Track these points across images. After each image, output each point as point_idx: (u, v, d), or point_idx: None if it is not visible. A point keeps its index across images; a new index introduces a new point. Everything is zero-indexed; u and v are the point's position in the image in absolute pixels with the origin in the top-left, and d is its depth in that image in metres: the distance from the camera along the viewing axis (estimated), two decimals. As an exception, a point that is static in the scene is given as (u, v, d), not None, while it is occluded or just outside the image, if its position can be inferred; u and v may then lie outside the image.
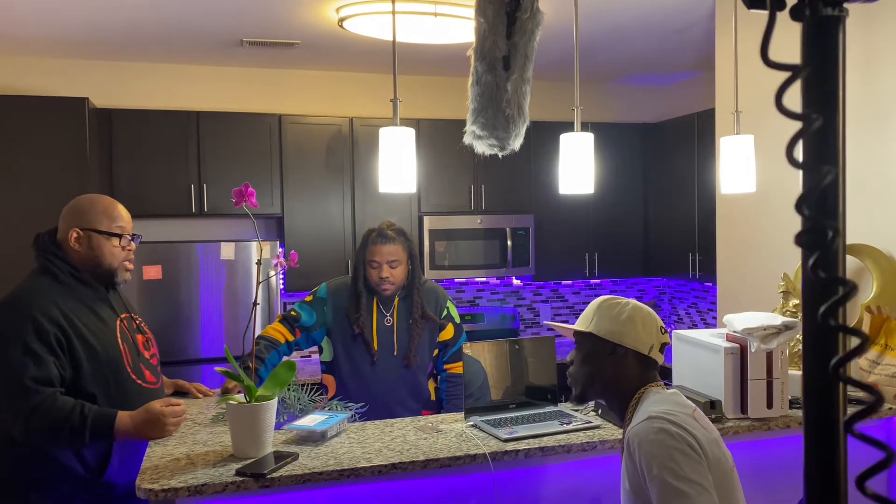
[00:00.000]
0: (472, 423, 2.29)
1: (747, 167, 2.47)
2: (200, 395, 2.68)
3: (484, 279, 5.15)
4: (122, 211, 2.30)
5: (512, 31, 1.82)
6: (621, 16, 3.62)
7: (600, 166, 4.45)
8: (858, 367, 2.53)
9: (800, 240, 0.46)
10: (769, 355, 2.24)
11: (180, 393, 2.71)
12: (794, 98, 0.47)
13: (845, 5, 0.47)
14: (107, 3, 3.33)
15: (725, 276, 3.55)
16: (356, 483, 1.96)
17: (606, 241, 5.01)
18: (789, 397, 2.29)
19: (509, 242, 4.73)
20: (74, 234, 2.20)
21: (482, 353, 2.46)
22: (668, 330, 1.81)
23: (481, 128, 1.85)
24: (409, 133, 2.22)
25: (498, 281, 5.22)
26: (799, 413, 2.33)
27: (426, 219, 4.61)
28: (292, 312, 2.77)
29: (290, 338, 2.72)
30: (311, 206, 4.48)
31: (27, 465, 2.13)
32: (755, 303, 3.01)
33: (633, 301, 1.77)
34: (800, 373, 2.35)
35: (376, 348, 2.73)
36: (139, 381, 2.27)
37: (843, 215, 0.48)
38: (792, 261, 2.79)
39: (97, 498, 2.14)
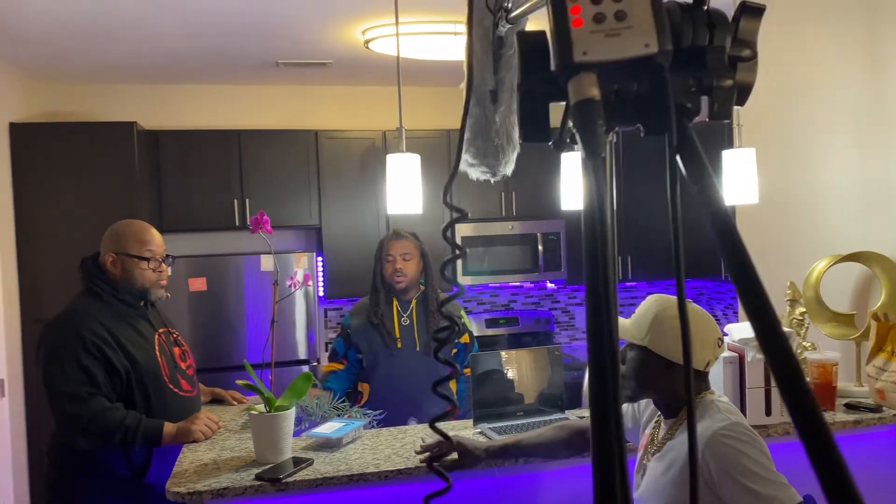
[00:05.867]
0: (479, 430, 2.42)
1: (749, 179, 2.53)
2: (235, 402, 2.89)
3: (518, 283, 5.25)
4: (154, 236, 2.50)
5: (498, 67, 1.94)
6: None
7: (629, 170, 4.54)
8: (866, 374, 2.56)
9: (435, 334, 0.60)
10: (766, 364, 2.30)
11: (217, 400, 2.92)
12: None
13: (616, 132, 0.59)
14: (149, 33, 3.57)
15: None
16: (365, 487, 2.12)
17: (640, 244, 5.02)
18: (790, 405, 2.34)
19: (541, 247, 4.83)
20: (110, 258, 2.43)
21: (494, 364, 2.58)
22: None
23: (473, 156, 1.96)
24: (415, 159, 2.37)
25: (532, 285, 5.31)
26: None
27: (459, 226, 4.74)
28: (334, 349, 3.09)
29: (341, 367, 3.03)
30: (347, 216, 4.67)
31: (78, 468, 2.36)
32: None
33: (693, 309, 1.71)
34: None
35: (399, 346, 2.94)
36: (176, 390, 2.49)
37: (609, 250, 0.59)
38: (798, 269, 2.82)
39: (138, 499, 2.37)
